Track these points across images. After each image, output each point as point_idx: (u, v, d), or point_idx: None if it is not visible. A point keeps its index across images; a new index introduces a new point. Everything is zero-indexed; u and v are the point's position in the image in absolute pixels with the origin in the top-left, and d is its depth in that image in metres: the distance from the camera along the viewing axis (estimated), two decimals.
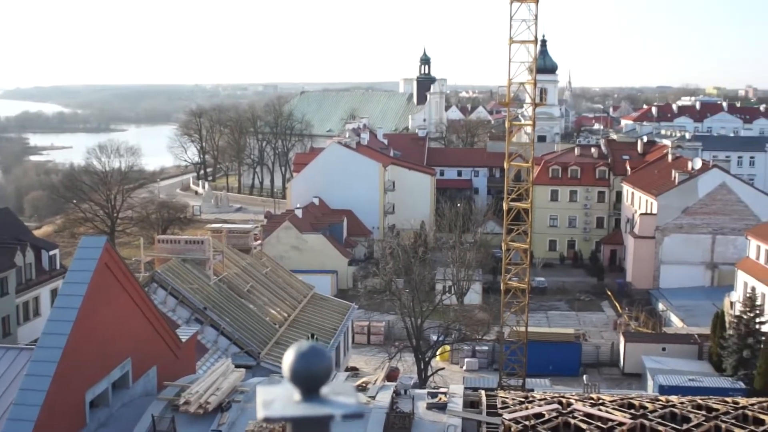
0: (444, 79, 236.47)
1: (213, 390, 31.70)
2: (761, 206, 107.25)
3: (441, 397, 39.72)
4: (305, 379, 3.95)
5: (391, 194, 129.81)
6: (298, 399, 3.93)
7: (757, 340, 71.43)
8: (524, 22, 63.29)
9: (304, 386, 3.95)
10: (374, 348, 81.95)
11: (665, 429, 35.60)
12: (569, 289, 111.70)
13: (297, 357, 3.99)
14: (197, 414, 30.44)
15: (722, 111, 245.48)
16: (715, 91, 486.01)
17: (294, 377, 3.96)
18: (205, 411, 30.54)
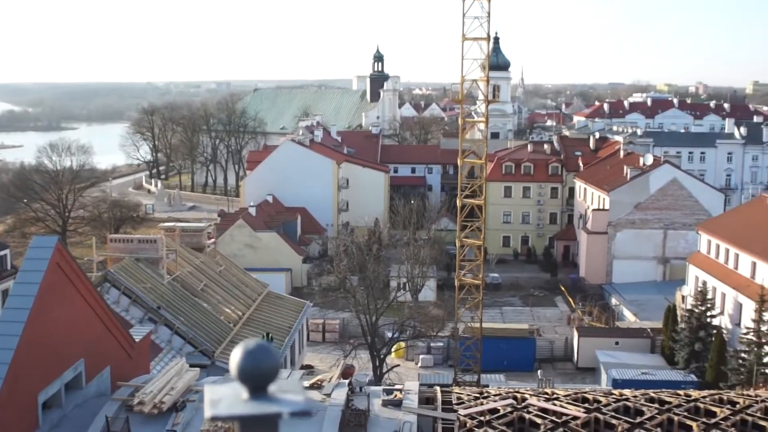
0: (397, 76, 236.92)
1: (167, 390, 31.50)
2: (712, 201, 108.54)
3: (396, 393, 39.75)
4: (252, 377, 3.93)
5: (345, 192, 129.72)
6: (246, 397, 3.91)
7: (709, 333, 72.26)
8: (477, 19, 63.49)
9: (252, 384, 3.93)
10: (329, 346, 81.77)
11: (619, 422, 35.87)
12: (523, 284, 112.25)
13: (244, 355, 3.97)
14: (152, 414, 30.22)
15: (673, 107, 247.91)
16: (666, 88, 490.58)
17: (241, 375, 3.94)
18: (160, 411, 30.34)
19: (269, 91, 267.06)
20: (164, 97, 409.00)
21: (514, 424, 36.46)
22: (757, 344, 63.84)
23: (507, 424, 36.09)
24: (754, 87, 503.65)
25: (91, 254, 57.22)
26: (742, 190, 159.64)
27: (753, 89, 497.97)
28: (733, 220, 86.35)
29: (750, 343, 64.40)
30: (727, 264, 78.24)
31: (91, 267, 53.35)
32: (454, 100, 72.26)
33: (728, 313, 75.43)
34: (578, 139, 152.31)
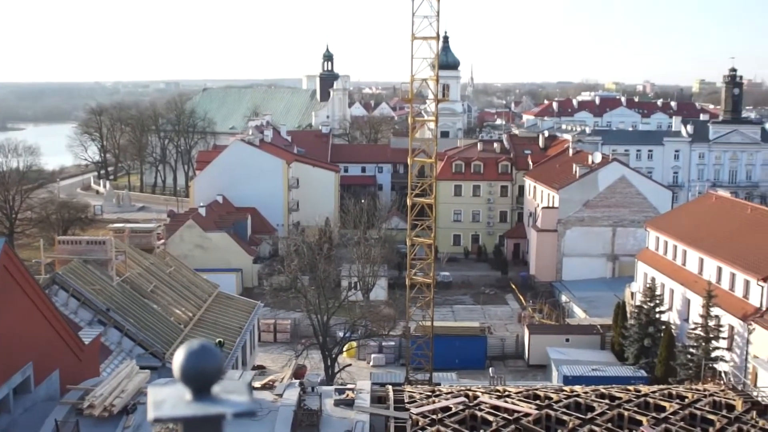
0: (347, 75, 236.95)
1: (118, 392, 31.25)
2: (659, 198, 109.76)
3: (348, 393, 39.73)
4: (195, 378, 3.88)
5: (296, 191, 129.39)
6: (189, 399, 3.86)
7: (658, 329, 72.96)
8: (426, 18, 63.53)
9: (195, 385, 3.88)
10: (281, 346, 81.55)
11: (570, 418, 36.12)
12: (474, 283, 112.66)
13: (187, 356, 3.92)
14: (102, 417, 29.97)
15: (621, 106, 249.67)
16: (614, 87, 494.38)
17: (184, 376, 3.89)
18: (110, 414, 30.08)
19: (218, 90, 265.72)
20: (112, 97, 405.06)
21: (466, 421, 36.57)
22: (705, 339, 64.57)
23: (459, 422, 36.20)
24: (700, 85, 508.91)
25: (38, 256, 56.46)
26: (689, 187, 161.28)
27: (699, 87, 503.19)
28: (681, 217, 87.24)
29: (698, 338, 65.13)
30: (675, 260, 79.03)
31: (39, 269, 52.72)
32: (404, 100, 72.16)
33: (676, 309, 76.20)
34: (528, 137, 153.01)
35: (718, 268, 70.16)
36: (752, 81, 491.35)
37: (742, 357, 63.27)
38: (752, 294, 64.22)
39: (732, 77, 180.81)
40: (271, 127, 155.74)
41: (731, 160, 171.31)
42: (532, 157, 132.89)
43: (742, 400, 39.21)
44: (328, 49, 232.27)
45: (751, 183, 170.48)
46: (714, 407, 39.02)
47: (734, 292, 66.97)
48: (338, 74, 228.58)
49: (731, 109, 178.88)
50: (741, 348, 63.81)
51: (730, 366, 62.85)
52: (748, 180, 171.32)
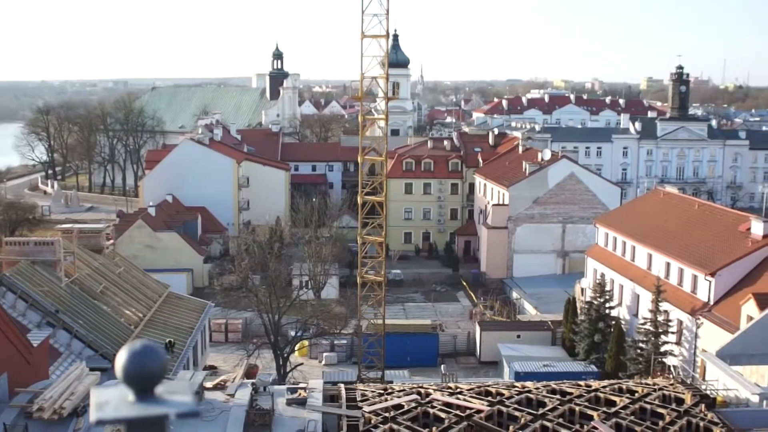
0: (297, 74, 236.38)
1: (67, 395, 30.93)
2: (608, 195, 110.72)
3: (300, 392, 39.66)
4: (138, 378, 3.82)
5: (246, 190, 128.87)
6: (132, 400, 3.80)
7: (608, 324, 73.57)
8: (376, 16, 63.48)
9: (138, 386, 3.82)
10: (232, 345, 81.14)
11: (522, 414, 36.30)
12: (425, 280, 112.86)
13: (129, 357, 3.86)
14: (52, 420, 29.65)
15: (570, 103, 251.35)
16: (563, 84, 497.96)
17: (127, 377, 3.84)
18: (60, 417, 29.77)
19: (168, 89, 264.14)
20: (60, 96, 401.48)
21: (418, 419, 36.62)
22: (654, 334, 65.19)
23: (411, 419, 36.24)
24: (648, 83, 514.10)
25: None
26: (637, 183, 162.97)
27: (647, 85, 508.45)
28: (630, 213, 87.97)
29: (647, 333, 65.72)
30: (624, 256, 79.68)
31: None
32: (354, 98, 72.02)
33: (626, 305, 76.82)
34: (477, 135, 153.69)
35: (666, 264, 70.84)
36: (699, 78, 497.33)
37: (691, 351, 63.97)
38: (700, 289, 64.92)
39: (679, 75, 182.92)
40: (221, 125, 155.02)
41: (679, 157, 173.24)
42: (482, 155, 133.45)
43: (691, 394, 39.62)
44: (277, 48, 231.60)
45: (698, 179, 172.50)
46: (663, 401, 39.40)
47: (682, 287, 67.66)
48: (288, 73, 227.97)
49: (678, 106, 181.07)
50: (689, 342, 64.51)
51: (679, 360, 63.46)
52: (696, 176, 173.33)
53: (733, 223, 69.65)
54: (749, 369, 47.05)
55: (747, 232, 65.99)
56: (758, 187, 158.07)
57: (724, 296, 62.24)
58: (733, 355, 45.65)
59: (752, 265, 62.71)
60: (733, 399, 40.92)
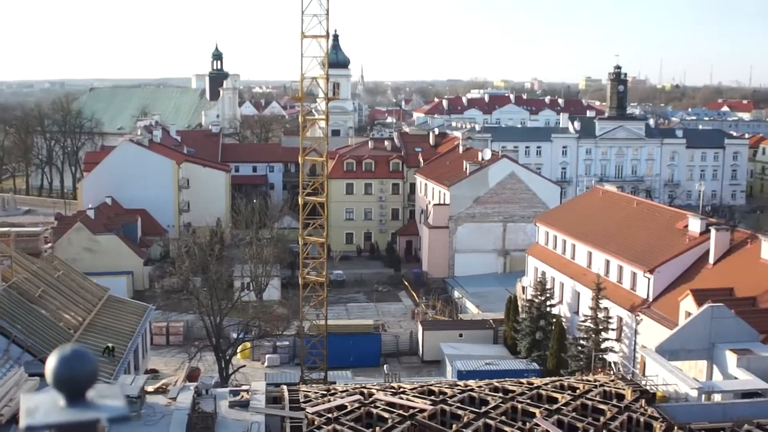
0: (237, 74, 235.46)
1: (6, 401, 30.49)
2: (548, 194, 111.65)
3: (243, 394, 39.47)
4: (68, 384, 3.73)
5: (186, 192, 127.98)
6: (63, 405, 3.70)
7: (549, 322, 74.11)
8: (316, 16, 63.35)
9: (68, 391, 3.73)
10: (174, 349, 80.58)
11: (465, 413, 36.42)
12: (367, 280, 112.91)
13: (59, 362, 3.76)
14: None
15: (510, 103, 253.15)
16: (502, 84, 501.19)
17: (57, 383, 3.74)
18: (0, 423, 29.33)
19: (106, 90, 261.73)
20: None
21: (362, 419, 36.60)
22: (595, 331, 65.79)
23: (355, 419, 36.21)
24: (586, 82, 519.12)
25: None
26: (577, 182, 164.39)
27: (585, 85, 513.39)
28: (569, 211, 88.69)
29: (588, 330, 66.31)
30: (564, 254, 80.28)
31: None
32: (295, 98, 71.86)
33: (567, 302, 77.41)
34: (418, 135, 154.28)
35: (606, 261, 71.50)
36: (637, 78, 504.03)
37: (631, 347, 64.63)
38: (639, 286, 65.61)
39: (617, 74, 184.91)
40: (160, 127, 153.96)
41: (617, 156, 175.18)
42: (423, 155, 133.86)
43: (631, 390, 40.03)
44: (217, 48, 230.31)
45: (637, 177, 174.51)
46: (604, 397, 39.75)
47: (622, 284, 68.32)
48: (228, 73, 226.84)
49: (617, 105, 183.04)
50: (629, 338, 65.18)
51: (619, 356, 64.11)
52: (634, 174, 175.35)
53: (671, 220, 70.50)
54: (688, 364, 47.63)
55: (684, 229, 66.82)
56: (695, 185, 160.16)
57: (663, 293, 62.98)
58: (672, 350, 46.19)
59: (690, 262, 63.53)
60: (673, 394, 41.44)
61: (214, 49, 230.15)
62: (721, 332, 46.49)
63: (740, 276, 57.76)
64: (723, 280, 58.10)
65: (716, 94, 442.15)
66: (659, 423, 35.97)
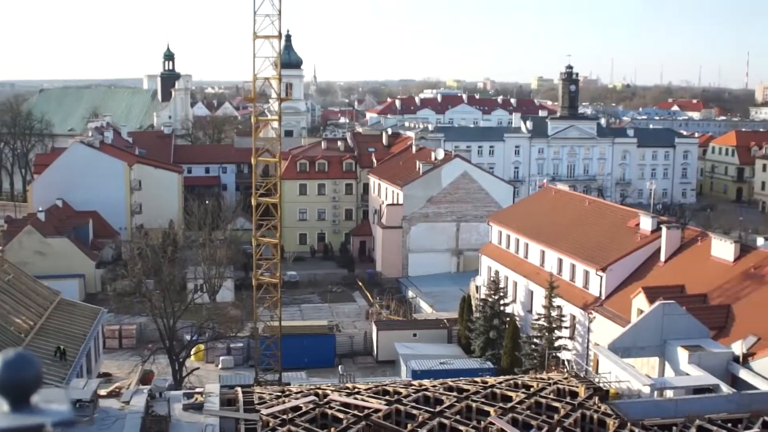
0: (189, 75, 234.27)
1: None
2: (501, 193, 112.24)
3: (197, 397, 39.26)
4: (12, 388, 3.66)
5: (138, 193, 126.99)
6: (7, 410, 3.64)
7: (502, 321, 74.44)
8: (268, 17, 63.16)
9: (12, 396, 3.66)
10: (127, 352, 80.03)
11: (419, 412, 36.46)
12: (321, 281, 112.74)
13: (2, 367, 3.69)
14: None
15: (462, 103, 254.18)
16: (455, 84, 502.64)
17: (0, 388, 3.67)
18: None
19: (56, 91, 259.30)
20: None
21: (316, 420, 36.54)
22: (548, 329, 66.16)
23: (310, 420, 36.14)
24: (538, 82, 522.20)
25: None
26: (529, 181, 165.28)
27: (537, 84, 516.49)
28: (522, 211, 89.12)
29: (541, 328, 66.68)
30: (517, 253, 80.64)
31: None
32: (247, 99, 71.55)
33: (520, 301, 77.77)
34: (371, 135, 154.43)
35: (558, 260, 71.92)
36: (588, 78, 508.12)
37: (584, 345, 65.06)
38: (592, 284, 66.08)
39: (569, 74, 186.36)
40: (112, 128, 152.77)
41: (569, 155, 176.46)
42: (376, 155, 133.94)
43: (584, 387, 40.29)
44: (168, 48, 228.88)
45: (589, 176, 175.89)
46: (558, 395, 39.97)
47: (575, 282, 68.77)
48: (180, 74, 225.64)
49: (568, 105, 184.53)
50: (582, 336, 65.62)
51: (572, 354, 64.48)
52: (586, 174, 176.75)
53: (623, 219, 71.08)
54: (640, 361, 48.04)
55: (636, 227, 67.40)
56: (646, 184, 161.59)
57: (615, 291, 63.49)
58: (625, 347, 46.56)
59: (641, 260, 64.10)
60: (626, 391, 41.75)
61: (166, 49, 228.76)
62: (672, 329, 46.92)
63: (691, 273, 58.37)
64: (674, 278, 58.66)
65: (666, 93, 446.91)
66: (612, 420, 36.24)
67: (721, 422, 36.19)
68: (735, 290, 53.38)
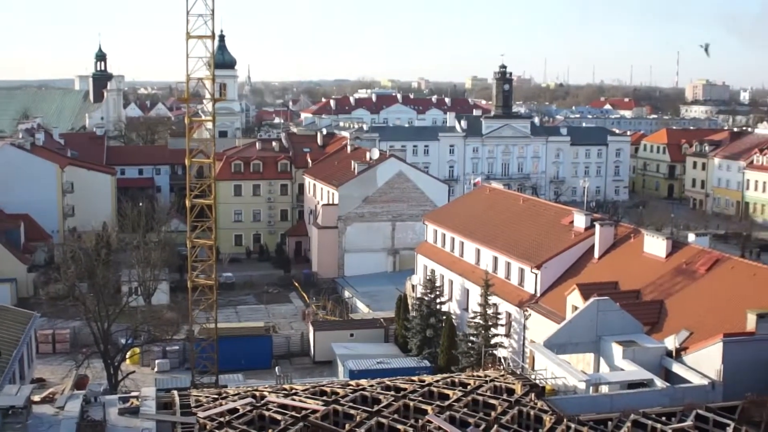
0: (121, 75, 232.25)
1: None
2: (436, 192, 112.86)
3: (133, 401, 38.93)
4: None
5: (71, 196, 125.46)
6: None
7: (439, 319, 74.77)
8: (201, 17, 62.77)
9: None
10: (61, 356, 78.96)
11: (357, 412, 36.51)
12: (257, 282, 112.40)
13: None
14: None
15: (397, 103, 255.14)
16: (390, 84, 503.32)
17: None
18: None
19: None
20: None
21: (254, 422, 36.43)
22: (484, 327, 66.57)
23: (247, 423, 36.03)
24: (472, 82, 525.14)
25: None
26: (464, 180, 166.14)
27: (472, 84, 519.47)
28: (457, 209, 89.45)
29: (478, 326, 67.05)
30: (453, 252, 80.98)
31: None
32: (181, 99, 71.23)
33: (456, 300, 78.10)
34: (306, 135, 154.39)
35: (494, 258, 72.39)
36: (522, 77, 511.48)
37: (520, 342, 65.57)
38: (527, 282, 66.60)
39: (502, 74, 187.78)
40: (43, 129, 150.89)
41: (504, 154, 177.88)
42: (311, 155, 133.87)
43: (521, 384, 40.62)
44: (100, 49, 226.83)
45: (523, 175, 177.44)
46: (495, 392, 40.25)
47: (510, 280, 69.26)
48: (112, 74, 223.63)
49: (502, 104, 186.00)
50: (518, 334, 66.12)
51: (509, 352, 64.96)
52: (520, 172, 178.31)
53: (557, 217, 71.75)
54: (575, 357, 48.50)
55: (570, 225, 68.08)
56: (579, 182, 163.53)
57: (550, 288, 64.07)
58: (560, 344, 47.00)
59: (575, 257, 64.76)
60: (562, 387, 42.18)
61: (98, 49, 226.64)
62: (606, 325, 47.48)
63: (624, 270, 59.10)
64: (608, 274, 59.35)
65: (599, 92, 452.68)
66: (549, 416, 36.57)
67: (656, 416, 36.69)
68: (667, 286, 54.17)
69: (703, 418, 36.68)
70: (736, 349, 41.97)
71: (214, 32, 63.90)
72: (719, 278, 52.16)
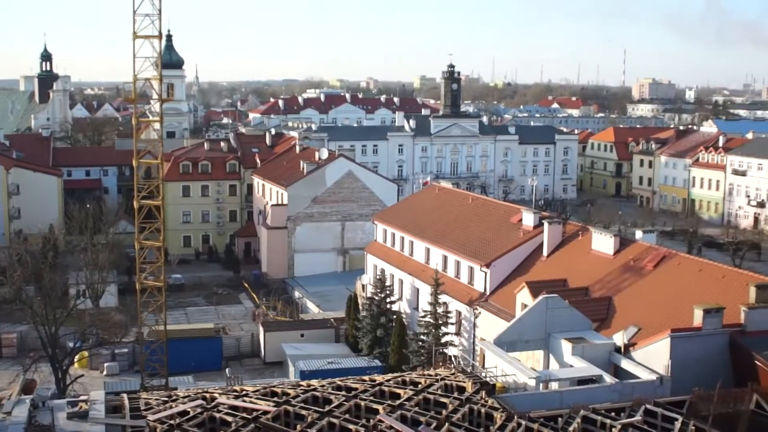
0: (68, 75, 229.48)
1: None
2: (385, 192, 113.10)
3: (82, 405, 38.57)
4: None
5: (16, 198, 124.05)
6: None
7: (389, 319, 74.91)
8: (148, 16, 62.31)
9: None
10: (7, 361, 78.22)
11: (308, 413, 36.43)
12: (206, 283, 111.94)
13: None
14: None
15: (346, 102, 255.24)
16: (338, 84, 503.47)
17: None
18: None
19: None
20: None
21: (205, 424, 36.23)
22: (435, 326, 66.78)
23: (198, 425, 35.82)
24: (421, 81, 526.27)
25: None
26: (413, 179, 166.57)
27: (420, 83, 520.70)
28: (406, 209, 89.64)
29: (428, 325, 67.26)
30: (402, 251, 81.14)
31: None
32: (127, 100, 70.60)
33: (406, 299, 78.29)
34: (255, 135, 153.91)
35: (443, 257, 72.64)
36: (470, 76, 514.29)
37: (470, 340, 65.87)
38: (476, 280, 66.91)
39: (451, 73, 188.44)
40: None
41: (452, 153, 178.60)
42: (260, 155, 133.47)
43: (471, 382, 40.75)
44: (46, 49, 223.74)
45: (472, 174, 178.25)
46: (446, 390, 40.35)
47: (460, 279, 69.56)
48: (58, 74, 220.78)
49: (451, 103, 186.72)
50: (469, 332, 66.41)
51: (459, 350, 65.15)
52: (469, 171, 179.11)
53: (506, 215, 72.18)
54: (525, 354, 48.79)
55: (519, 223, 68.50)
56: (528, 180, 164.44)
57: (500, 286, 64.46)
58: (510, 342, 47.23)
59: (524, 255, 65.20)
60: (512, 384, 42.43)
61: (43, 49, 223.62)
62: (556, 322, 47.77)
63: (573, 267, 59.58)
64: (557, 272, 59.80)
65: (546, 91, 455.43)
66: (499, 413, 36.72)
67: (605, 411, 36.97)
68: (615, 282, 54.69)
69: (652, 412, 37.02)
70: (683, 345, 42.39)
71: (161, 32, 63.46)
72: (666, 274, 52.74)
